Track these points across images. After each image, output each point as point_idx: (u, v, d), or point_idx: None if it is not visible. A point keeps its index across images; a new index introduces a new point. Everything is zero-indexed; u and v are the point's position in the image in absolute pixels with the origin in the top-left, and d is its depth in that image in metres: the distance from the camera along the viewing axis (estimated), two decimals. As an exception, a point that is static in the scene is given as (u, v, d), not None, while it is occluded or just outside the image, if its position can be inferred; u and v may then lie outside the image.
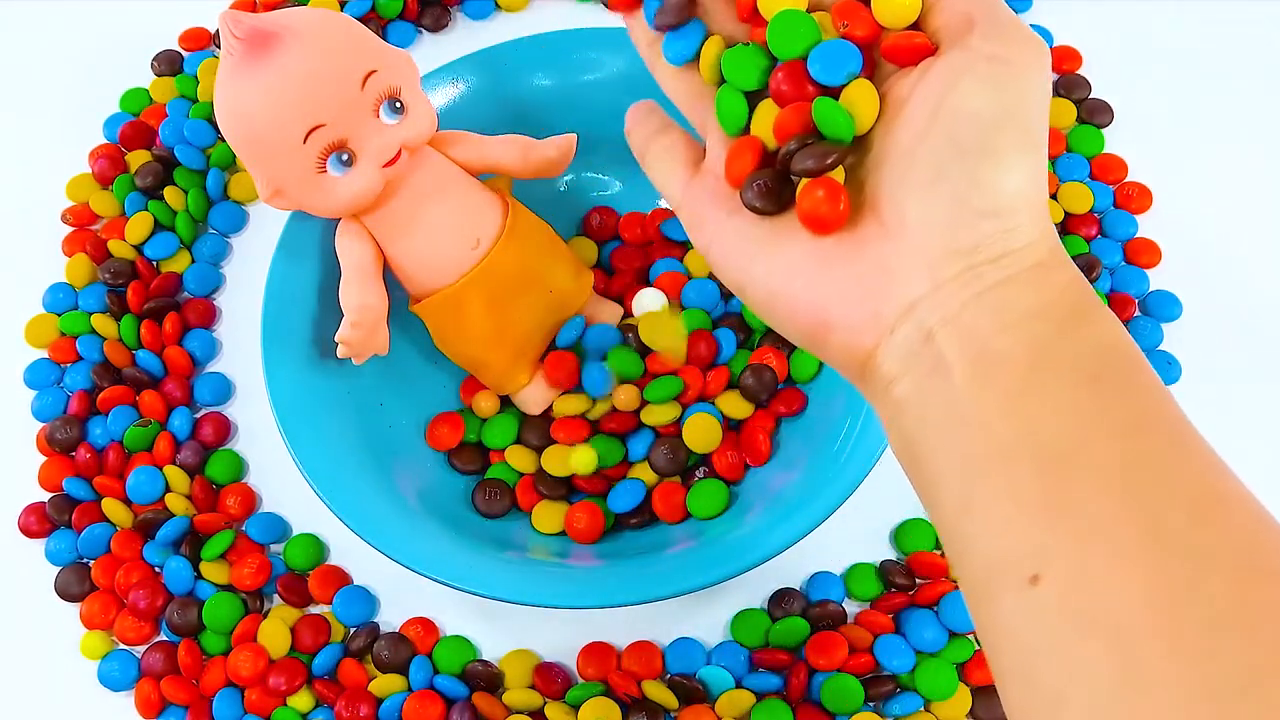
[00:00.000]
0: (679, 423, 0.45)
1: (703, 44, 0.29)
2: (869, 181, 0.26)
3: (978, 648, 0.43)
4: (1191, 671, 0.20)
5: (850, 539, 0.45)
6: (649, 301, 0.47)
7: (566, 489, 0.45)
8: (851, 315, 0.26)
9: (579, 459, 0.44)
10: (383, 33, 0.58)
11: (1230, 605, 0.20)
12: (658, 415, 0.44)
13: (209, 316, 0.51)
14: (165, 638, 0.45)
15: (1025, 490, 0.23)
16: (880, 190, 0.26)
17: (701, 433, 0.44)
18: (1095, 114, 0.54)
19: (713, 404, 0.45)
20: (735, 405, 0.45)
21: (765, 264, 0.27)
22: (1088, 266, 0.49)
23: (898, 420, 0.26)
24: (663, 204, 0.50)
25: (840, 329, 0.26)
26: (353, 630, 0.45)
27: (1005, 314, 0.24)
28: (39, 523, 0.47)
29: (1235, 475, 0.23)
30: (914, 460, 0.26)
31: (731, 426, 0.45)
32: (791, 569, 0.45)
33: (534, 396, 0.46)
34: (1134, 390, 0.24)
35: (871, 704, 0.42)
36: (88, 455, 0.47)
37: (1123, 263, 0.51)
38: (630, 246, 0.49)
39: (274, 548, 0.47)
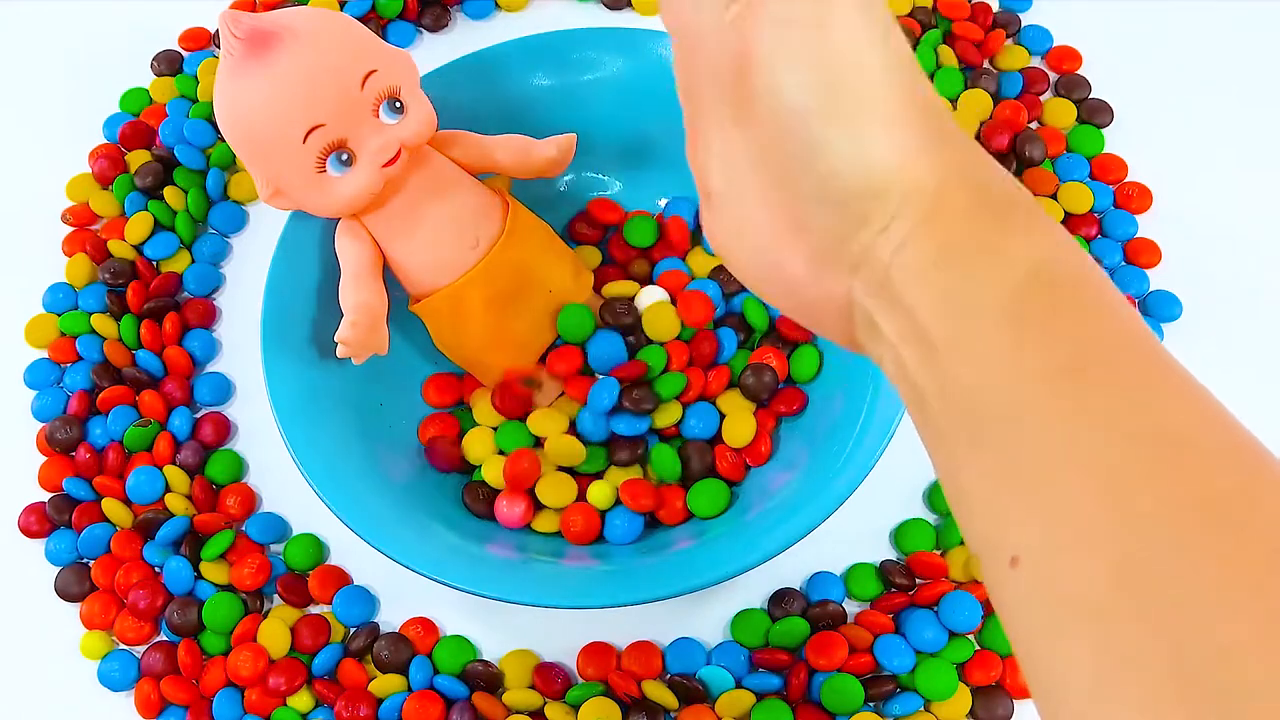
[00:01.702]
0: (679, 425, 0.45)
1: None
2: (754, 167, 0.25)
3: (978, 648, 0.43)
4: (1173, 653, 0.19)
5: (850, 539, 0.45)
6: (649, 300, 0.47)
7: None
8: (821, 302, 0.26)
9: (594, 495, 0.44)
10: (383, 33, 0.58)
11: (1203, 576, 0.19)
12: (659, 418, 0.44)
13: (209, 316, 0.51)
14: (165, 638, 0.45)
15: (991, 466, 0.22)
16: (763, 182, 0.25)
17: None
18: (1095, 114, 0.54)
19: (713, 403, 0.45)
20: (735, 405, 0.45)
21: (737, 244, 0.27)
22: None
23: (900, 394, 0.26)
24: (660, 203, 0.50)
25: (822, 317, 0.26)
26: (353, 630, 0.45)
27: (915, 279, 0.23)
28: (39, 523, 0.47)
29: (1197, 397, 0.22)
30: (924, 438, 0.25)
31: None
32: (791, 569, 0.45)
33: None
34: (1062, 319, 0.22)
35: (871, 704, 0.42)
36: (88, 455, 0.47)
37: (1123, 263, 0.51)
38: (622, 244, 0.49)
39: (274, 548, 0.47)
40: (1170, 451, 0.21)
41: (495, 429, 0.46)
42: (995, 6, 0.57)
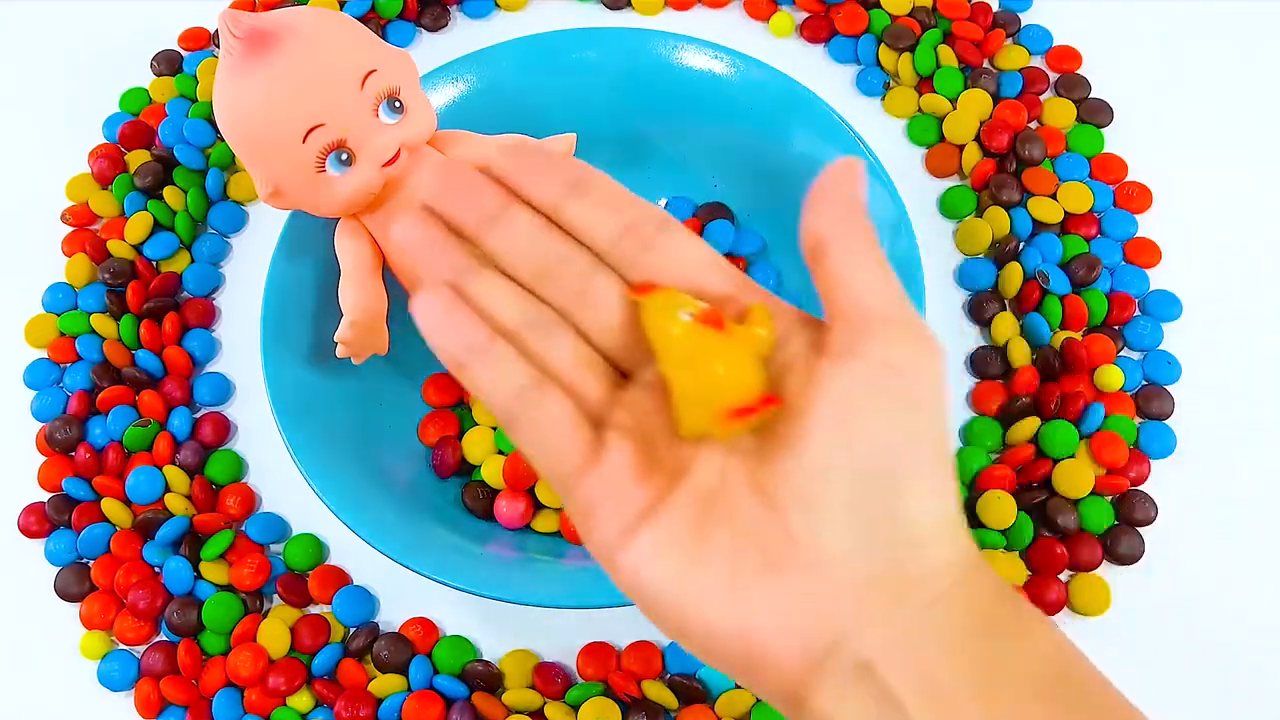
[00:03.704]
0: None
1: None
2: (778, 496, 0.25)
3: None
4: None
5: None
6: None
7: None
8: (778, 648, 0.24)
9: None
10: (382, 32, 0.58)
11: None
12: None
13: (209, 316, 0.51)
14: (165, 638, 0.45)
15: None
16: (791, 513, 0.24)
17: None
18: (1095, 114, 0.54)
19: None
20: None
21: (680, 583, 0.25)
22: (1088, 266, 0.49)
23: None
24: (660, 203, 0.50)
25: (768, 664, 0.24)
26: (352, 630, 0.45)
27: (945, 636, 0.24)
28: (39, 523, 0.47)
29: None
30: None
31: None
32: (791, 569, 0.45)
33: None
34: (1093, 703, 0.24)
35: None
36: (87, 455, 0.47)
37: (1123, 263, 0.51)
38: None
39: (274, 548, 0.47)
40: None
41: (495, 429, 0.46)
42: (995, 6, 0.57)
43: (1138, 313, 0.49)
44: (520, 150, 0.28)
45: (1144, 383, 0.48)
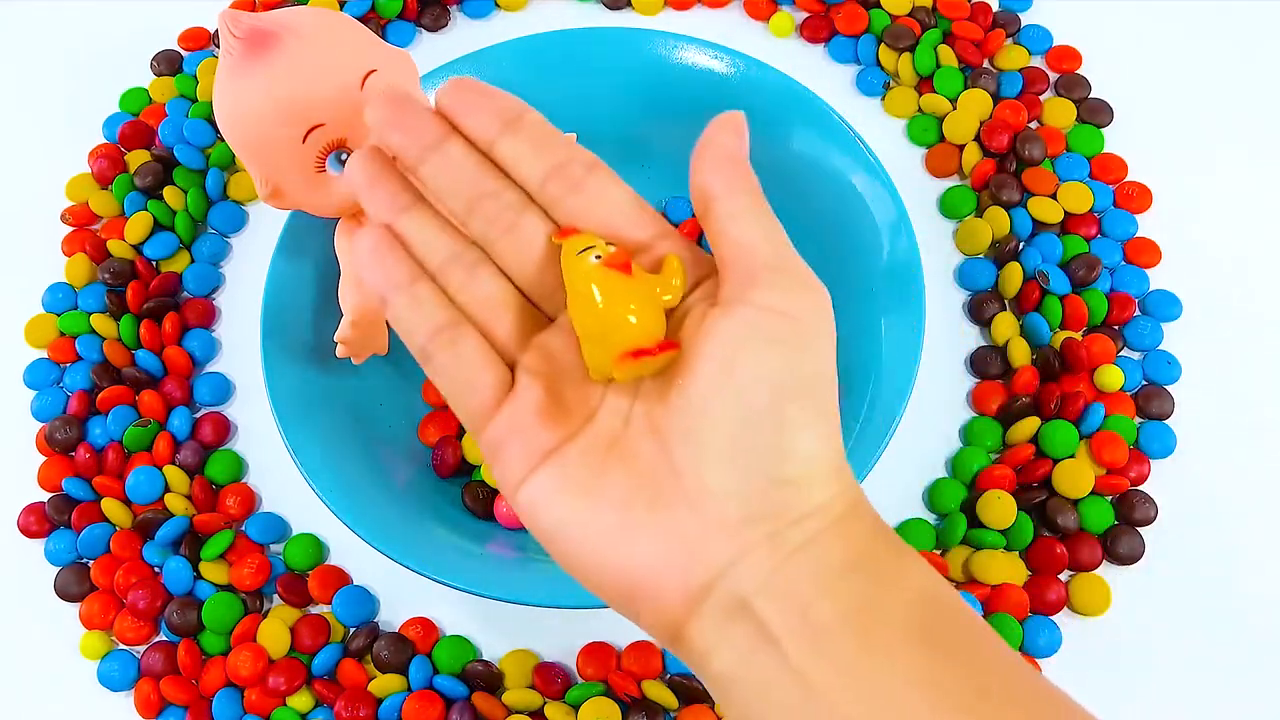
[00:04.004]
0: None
1: None
2: (668, 434, 0.26)
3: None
4: None
5: (850, 539, 0.45)
6: None
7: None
8: (659, 584, 0.25)
9: None
10: (382, 32, 0.58)
11: None
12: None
13: (209, 316, 0.51)
14: (165, 638, 0.45)
15: None
16: (676, 450, 0.25)
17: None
18: (1095, 114, 0.54)
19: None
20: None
21: (575, 521, 0.26)
22: (1088, 266, 0.49)
23: (728, 694, 0.25)
24: (660, 204, 0.50)
25: (648, 598, 0.25)
26: (352, 630, 0.45)
27: (821, 575, 0.24)
28: (39, 523, 0.47)
29: (1080, 712, 0.24)
30: None
31: None
32: (791, 569, 0.45)
33: None
34: (965, 643, 0.24)
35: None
36: (87, 455, 0.47)
37: (1123, 262, 0.51)
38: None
39: (274, 548, 0.47)
40: None
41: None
42: (995, 6, 0.57)
43: (1138, 313, 0.49)
44: (461, 85, 0.28)
45: (1144, 383, 0.48)
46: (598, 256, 0.27)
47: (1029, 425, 0.46)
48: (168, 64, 0.58)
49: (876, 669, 0.23)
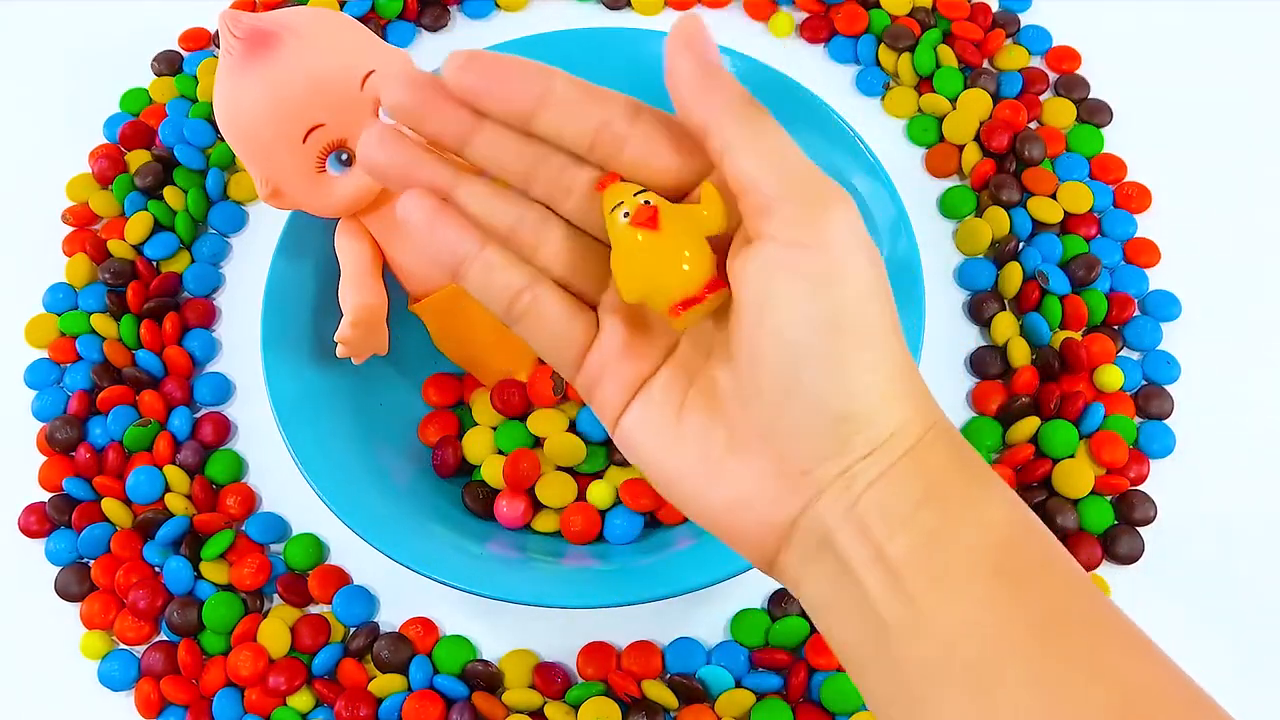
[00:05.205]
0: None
1: None
2: (731, 384, 0.26)
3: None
4: None
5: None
6: None
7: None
8: (745, 522, 0.26)
9: (594, 495, 0.44)
10: (382, 32, 0.58)
11: None
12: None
13: (209, 316, 0.51)
14: (165, 638, 0.45)
15: (968, 707, 0.23)
16: (744, 389, 0.26)
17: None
18: (1095, 114, 0.54)
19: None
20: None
21: (662, 459, 0.27)
22: (1088, 266, 0.49)
23: (822, 620, 0.26)
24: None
25: (739, 535, 0.26)
26: (353, 630, 0.45)
27: (893, 512, 0.24)
28: (39, 523, 0.47)
29: (1156, 652, 0.24)
30: (846, 662, 0.26)
31: None
32: (791, 569, 0.45)
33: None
34: (1040, 577, 0.24)
35: (871, 704, 0.42)
36: (88, 455, 0.47)
37: (1122, 262, 0.51)
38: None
39: (274, 548, 0.47)
40: (1144, 704, 0.22)
41: (495, 429, 0.46)
42: (995, 6, 0.57)
43: (1137, 313, 0.49)
44: (474, 64, 0.26)
45: (1144, 382, 0.48)
46: (626, 214, 0.26)
47: (1029, 425, 0.46)
48: (168, 64, 0.58)
49: (944, 603, 0.23)
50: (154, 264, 0.52)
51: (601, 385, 0.28)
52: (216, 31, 0.59)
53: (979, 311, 0.50)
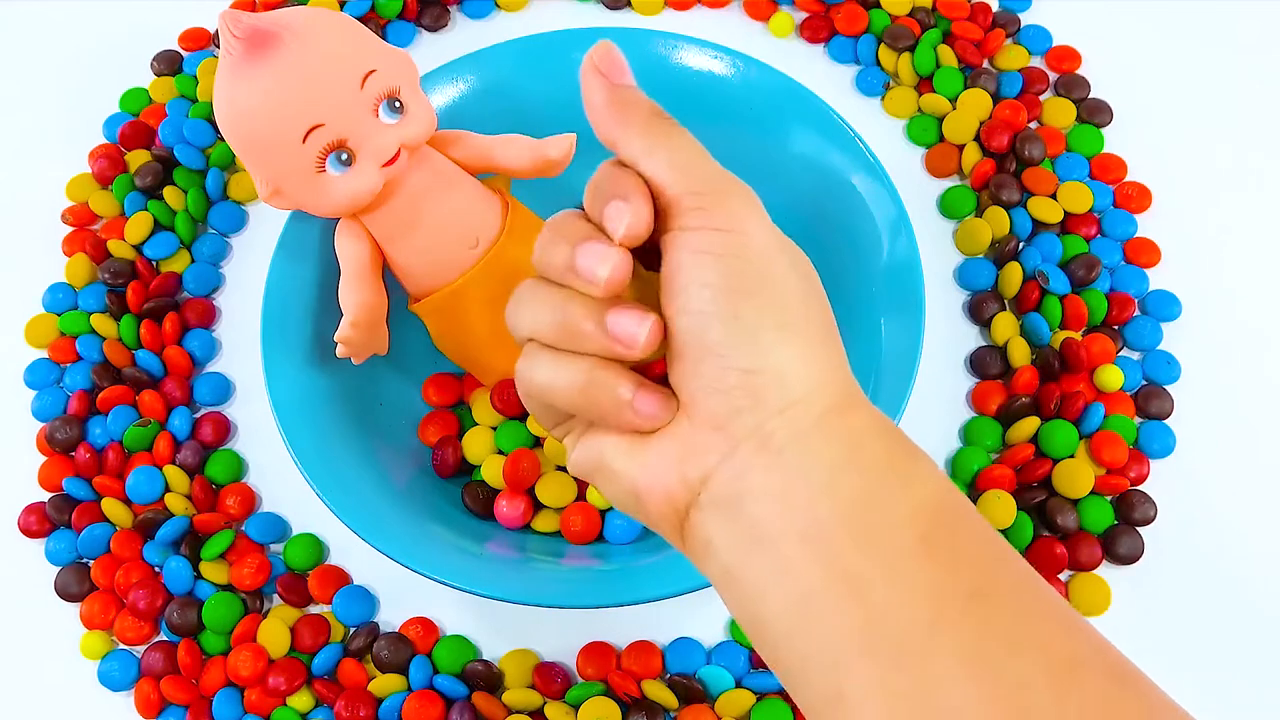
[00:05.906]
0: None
1: None
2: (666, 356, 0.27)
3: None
4: None
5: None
6: None
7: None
8: (660, 481, 0.26)
9: (594, 495, 0.44)
10: (382, 32, 0.58)
11: None
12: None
13: (209, 316, 0.51)
14: (165, 638, 0.45)
15: (892, 688, 0.23)
16: (671, 369, 0.27)
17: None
18: (1095, 114, 0.54)
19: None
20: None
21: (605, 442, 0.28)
22: (1088, 266, 0.49)
23: (732, 588, 0.26)
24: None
25: (652, 495, 0.26)
26: (352, 630, 0.45)
27: (814, 474, 0.24)
28: (39, 523, 0.47)
29: (1082, 623, 0.24)
30: (759, 637, 0.25)
31: None
32: (791, 569, 0.45)
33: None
34: (966, 545, 0.24)
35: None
36: (87, 455, 0.47)
37: (1122, 262, 0.51)
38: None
39: (274, 548, 0.47)
40: (1069, 675, 0.22)
41: (495, 429, 0.46)
42: (995, 6, 0.57)
43: (1137, 313, 0.50)
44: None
45: (1144, 383, 0.48)
46: None
47: (1029, 425, 0.46)
48: (168, 64, 0.58)
49: (869, 572, 0.23)
50: (154, 264, 0.52)
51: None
52: (216, 31, 0.59)
53: (979, 311, 0.50)
